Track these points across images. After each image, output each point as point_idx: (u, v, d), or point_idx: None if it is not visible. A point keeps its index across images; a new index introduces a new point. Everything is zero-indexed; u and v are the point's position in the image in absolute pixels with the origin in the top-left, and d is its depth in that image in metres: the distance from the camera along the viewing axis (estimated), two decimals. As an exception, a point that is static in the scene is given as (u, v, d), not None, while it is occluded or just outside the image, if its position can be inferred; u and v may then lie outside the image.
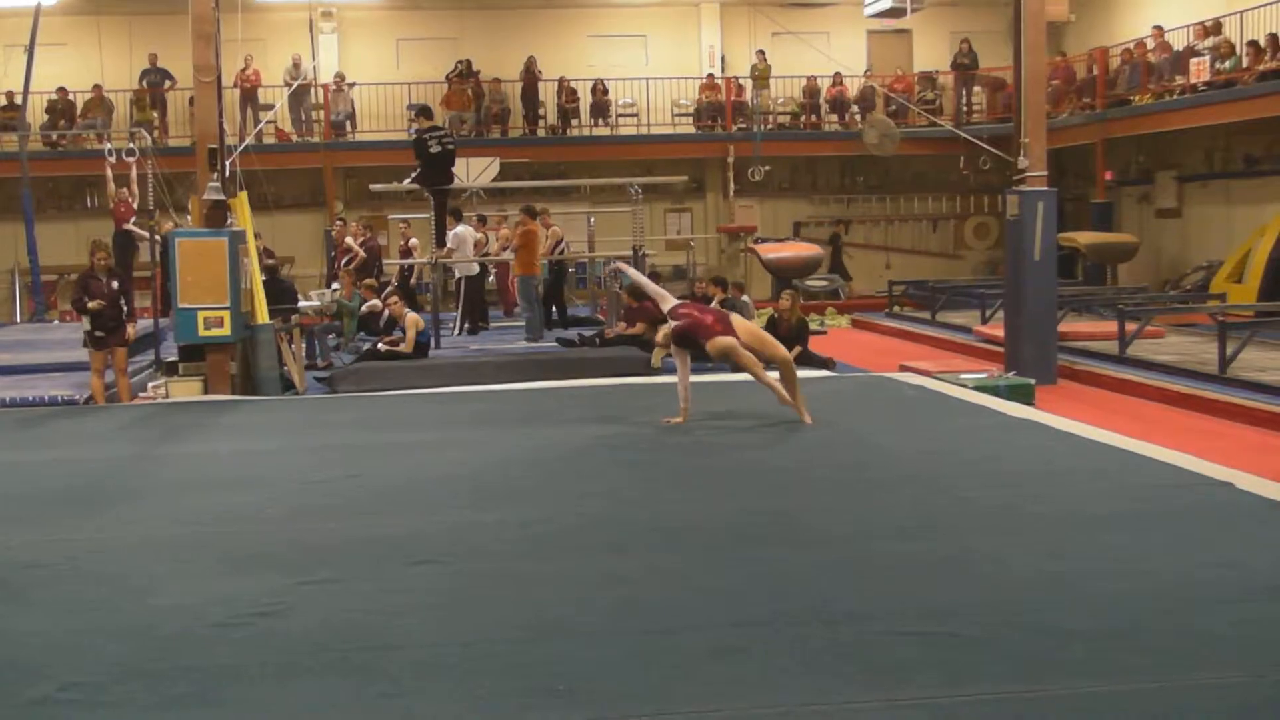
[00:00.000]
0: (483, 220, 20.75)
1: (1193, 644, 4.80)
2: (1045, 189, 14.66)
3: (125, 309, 12.81)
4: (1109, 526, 6.61)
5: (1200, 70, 21.09)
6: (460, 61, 26.58)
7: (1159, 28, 23.01)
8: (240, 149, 14.79)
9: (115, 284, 12.75)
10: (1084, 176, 25.81)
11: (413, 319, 15.49)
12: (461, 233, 18.17)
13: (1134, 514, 6.92)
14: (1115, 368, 14.82)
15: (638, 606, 5.39)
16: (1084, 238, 22.86)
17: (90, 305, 12.51)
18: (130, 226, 18.53)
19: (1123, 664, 4.60)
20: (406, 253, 21.14)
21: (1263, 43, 19.89)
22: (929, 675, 4.51)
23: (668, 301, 10.41)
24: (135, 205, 18.11)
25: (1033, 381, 13.14)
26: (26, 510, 7.54)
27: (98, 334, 12.58)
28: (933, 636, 4.90)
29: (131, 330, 12.84)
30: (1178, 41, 22.51)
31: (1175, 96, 21.96)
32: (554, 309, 19.11)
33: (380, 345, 15.75)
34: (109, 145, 18.46)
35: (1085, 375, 14.90)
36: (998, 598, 5.40)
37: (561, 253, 19.88)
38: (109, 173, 18.28)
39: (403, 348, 15.25)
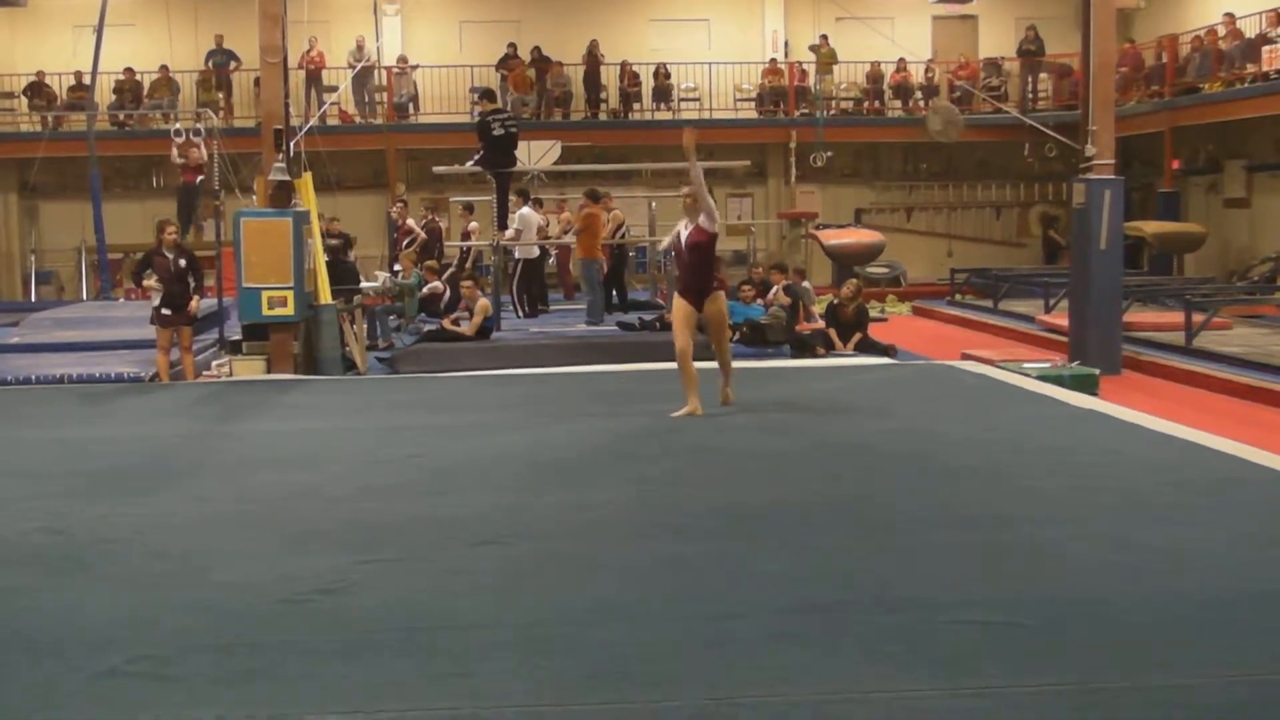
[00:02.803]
0: (539, 203, 20.74)
1: (1257, 638, 4.73)
2: (1112, 177, 14.50)
3: (193, 284, 12.89)
4: (1173, 519, 6.54)
5: (1273, 58, 20.76)
6: (510, 45, 26.65)
7: (1230, 14, 22.67)
8: (304, 130, 14.89)
9: (183, 261, 12.82)
10: (1151, 165, 25.50)
11: (483, 305, 15.44)
12: (527, 215, 18.16)
13: (1199, 506, 6.84)
14: (1181, 359, 14.65)
15: (698, 590, 5.38)
16: (1150, 227, 22.59)
17: (146, 283, 12.62)
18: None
19: (1186, 657, 4.55)
20: (467, 235, 21.20)
21: (1337, 30, 19.58)
22: (991, 664, 4.48)
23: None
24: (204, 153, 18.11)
25: (1097, 372, 13.01)
26: (93, 485, 7.64)
27: (164, 311, 12.69)
28: (995, 626, 4.87)
29: (195, 304, 12.89)
30: (1250, 28, 22.17)
31: (1246, 85, 21.65)
32: (614, 293, 19.10)
33: (443, 324, 15.81)
34: (176, 125, 18.65)
35: (1150, 366, 14.75)
36: (1061, 588, 5.35)
37: (622, 236, 19.87)
38: (174, 152, 18.43)
39: (465, 329, 15.28)
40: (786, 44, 27.98)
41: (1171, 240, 22.63)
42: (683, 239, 9.72)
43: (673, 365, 10.01)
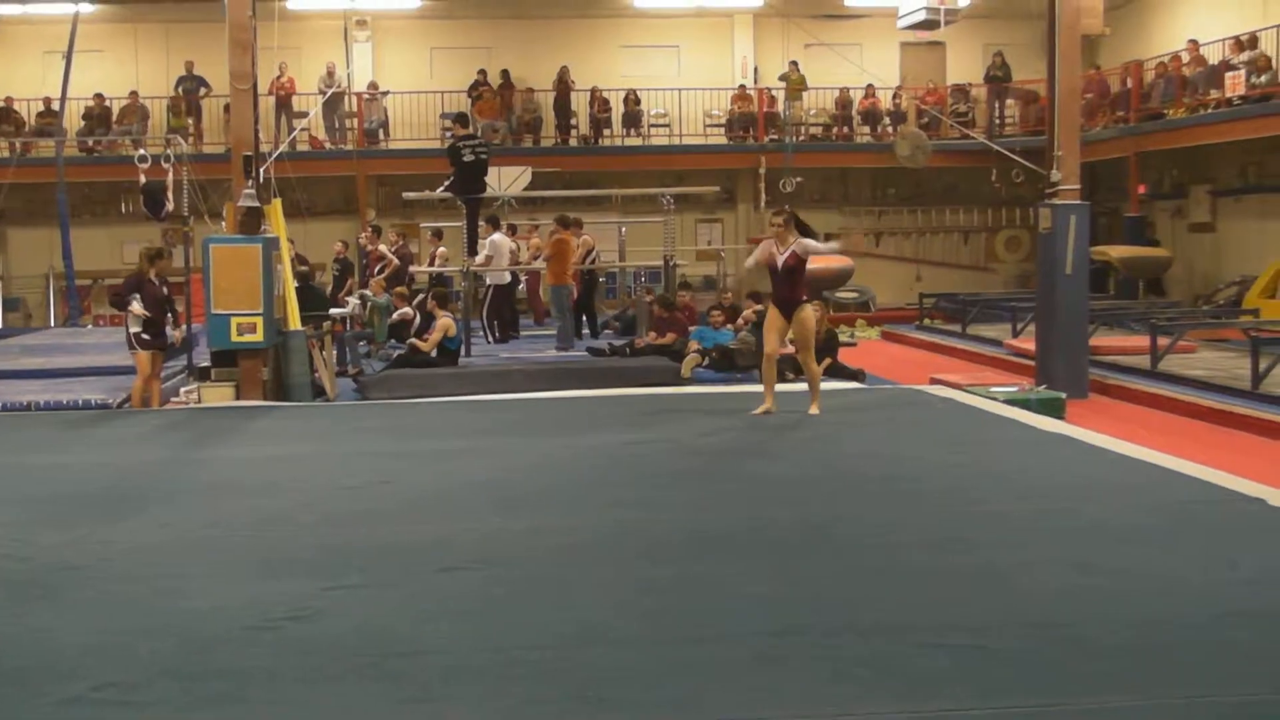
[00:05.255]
0: (513, 229, 20.77)
1: (1222, 660, 4.77)
2: (1078, 202, 14.63)
3: (171, 314, 12.89)
4: (1139, 541, 6.58)
5: (1236, 84, 20.99)
6: (480, 71, 26.70)
7: (1194, 41, 22.92)
8: (274, 156, 14.88)
9: (165, 289, 12.84)
10: (1117, 190, 25.71)
11: (444, 323, 15.30)
12: (499, 241, 18.17)
13: (1164, 529, 6.88)
14: (1147, 382, 14.76)
15: (671, 615, 5.39)
16: (1116, 252, 22.77)
17: (134, 308, 12.49)
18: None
19: (1152, 679, 4.58)
20: (433, 261, 21.18)
21: (1299, 57, 19.80)
22: (960, 687, 4.50)
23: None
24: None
25: (1064, 395, 13.10)
26: (60, 512, 7.59)
27: (145, 337, 12.61)
28: (964, 649, 4.89)
29: (179, 335, 12.86)
30: (1213, 55, 22.41)
31: (1210, 110, 21.86)
32: (585, 318, 19.13)
33: (410, 342, 15.75)
34: (142, 151, 18.57)
35: (1117, 390, 14.85)
36: (1028, 611, 5.39)
37: (593, 262, 19.91)
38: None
39: (424, 344, 15.13)
40: (756, 70, 28.14)
41: (1137, 265, 22.80)
42: (779, 259, 10.91)
43: (642, 391, 10.06)
